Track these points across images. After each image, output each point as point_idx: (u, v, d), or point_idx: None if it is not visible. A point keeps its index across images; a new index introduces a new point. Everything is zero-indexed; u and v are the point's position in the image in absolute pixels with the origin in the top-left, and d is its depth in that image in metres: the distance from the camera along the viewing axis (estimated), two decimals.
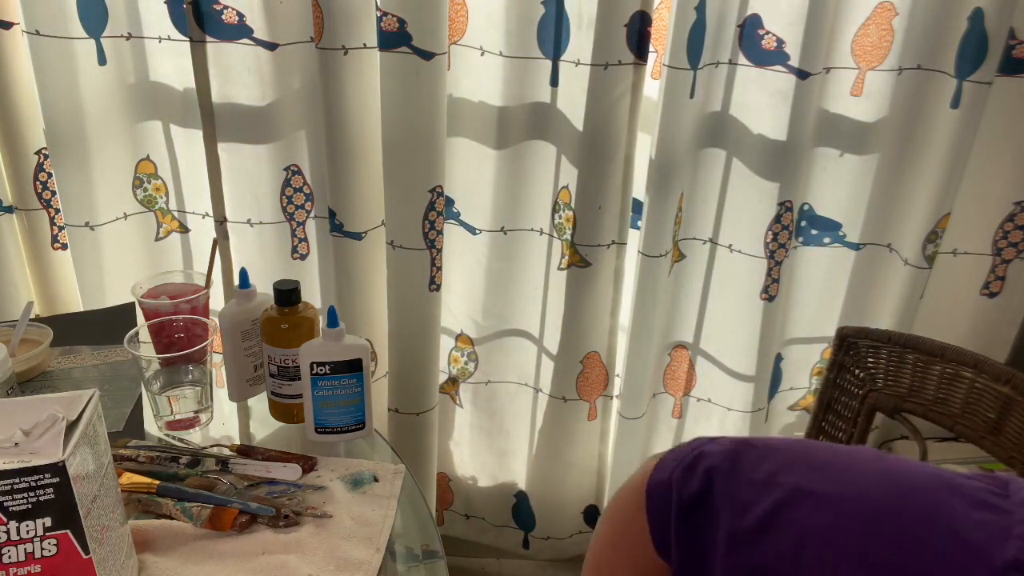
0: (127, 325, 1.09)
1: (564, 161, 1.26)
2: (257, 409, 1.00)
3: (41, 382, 1.03)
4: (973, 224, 1.22)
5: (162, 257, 1.40)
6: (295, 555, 0.74)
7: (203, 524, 0.75)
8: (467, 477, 1.59)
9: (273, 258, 1.33)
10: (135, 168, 1.33)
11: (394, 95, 1.18)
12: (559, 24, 1.17)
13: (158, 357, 0.91)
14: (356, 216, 1.27)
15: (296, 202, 1.30)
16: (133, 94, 1.28)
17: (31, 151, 1.30)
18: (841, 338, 1.06)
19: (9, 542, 0.57)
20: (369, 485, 0.85)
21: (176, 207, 1.38)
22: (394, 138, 1.21)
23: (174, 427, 0.93)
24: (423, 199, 1.24)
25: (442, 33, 1.14)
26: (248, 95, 1.21)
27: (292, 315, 0.90)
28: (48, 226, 1.35)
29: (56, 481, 0.57)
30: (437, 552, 0.79)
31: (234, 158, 1.26)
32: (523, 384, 1.45)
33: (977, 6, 1.07)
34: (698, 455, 0.52)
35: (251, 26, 1.17)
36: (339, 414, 0.89)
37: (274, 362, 0.91)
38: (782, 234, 1.24)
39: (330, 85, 1.17)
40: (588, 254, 1.27)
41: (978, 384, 0.85)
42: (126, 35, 1.23)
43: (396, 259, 1.29)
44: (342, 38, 1.14)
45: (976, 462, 1.22)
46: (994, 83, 1.10)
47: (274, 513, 0.77)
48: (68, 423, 0.60)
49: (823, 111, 1.19)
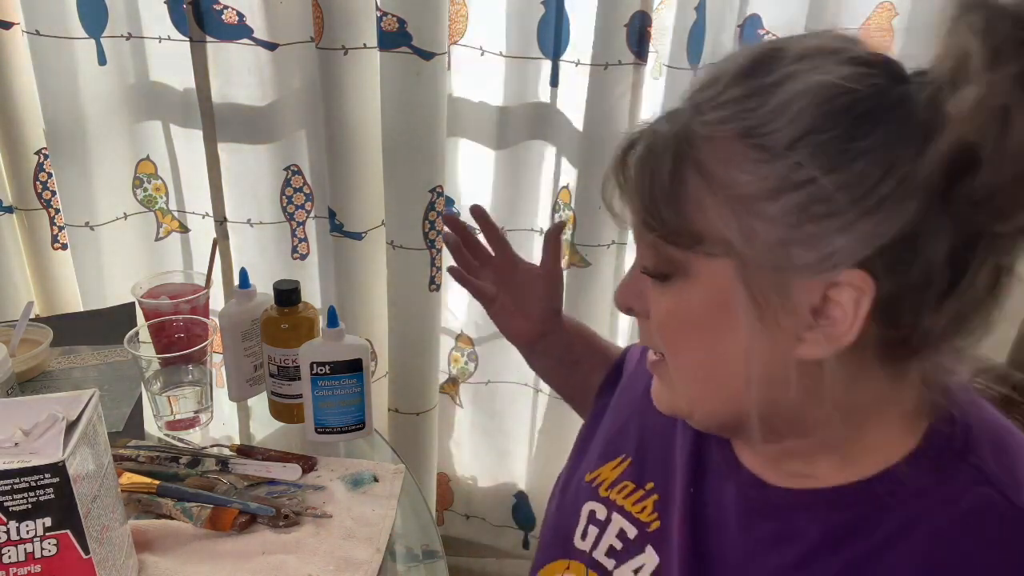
0: (127, 325, 1.09)
1: (564, 161, 1.26)
2: (257, 409, 1.00)
3: (41, 382, 1.03)
4: None
5: (162, 257, 1.40)
6: (295, 555, 0.74)
7: (203, 524, 0.75)
8: (467, 477, 1.59)
9: (273, 258, 1.33)
10: (135, 168, 1.33)
11: (394, 95, 1.18)
12: (559, 24, 1.17)
13: (158, 357, 0.91)
14: (356, 216, 1.27)
15: (296, 202, 1.30)
16: (133, 94, 1.28)
17: (31, 151, 1.30)
18: None
19: (9, 542, 0.57)
20: (369, 485, 0.85)
21: (176, 207, 1.38)
22: (394, 138, 1.21)
23: (174, 427, 0.93)
24: (423, 199, 1.24)
25: (442, 33, 1.14)
26: (248, 95, 1.21)
27: (292, 315, 0.90)
28: (48, 226, 1.35)
29: (56, 481, 0.57)
30: (437, 552, 0.79)
31: (234, 158, 1.26)
32: (523, 384, 1.45)
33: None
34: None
35: (251, 26, 1.17)
36: (339, 414, 0.89)
37: (274, 362, 0.91)
38: None
39: (330, 85, 1.17)
40: (588, 254, 1.27)
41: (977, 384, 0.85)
42: (126, 35, 1.23)
43: (396, 259, 1.29)
44: (342, 38, 1.14)
45: None
46: None
47: (274, 513, 0.77)
48: (68, 423, 0.60)
49: None
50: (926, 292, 0.42)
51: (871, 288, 0.42)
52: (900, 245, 0.41)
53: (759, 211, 0.43)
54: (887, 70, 0.44)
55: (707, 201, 0.45)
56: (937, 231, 0.41)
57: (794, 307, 0.44)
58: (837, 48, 0.44)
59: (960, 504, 0.46)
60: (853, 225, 0.41)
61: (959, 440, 0.48)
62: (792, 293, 0.44)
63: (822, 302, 0.44)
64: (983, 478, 0.46)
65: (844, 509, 0.49)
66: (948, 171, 0.40)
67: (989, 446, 0.48)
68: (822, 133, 0.42)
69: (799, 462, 0.52)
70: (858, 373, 0.46)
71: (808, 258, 0.42)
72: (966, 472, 0.47)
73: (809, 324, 0.44)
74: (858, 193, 0.41)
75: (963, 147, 0.39)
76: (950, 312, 0.43)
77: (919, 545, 0.45)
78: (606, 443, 0.68)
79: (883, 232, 0.41)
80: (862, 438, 0.49)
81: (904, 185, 0.41)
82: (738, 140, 0.44)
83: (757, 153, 0.43)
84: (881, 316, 0.43)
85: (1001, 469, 0.47)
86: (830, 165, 0.41)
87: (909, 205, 0.41)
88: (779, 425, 0.50)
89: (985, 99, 0.38)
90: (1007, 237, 0.42)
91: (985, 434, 0.49)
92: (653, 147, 0.47)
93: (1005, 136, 0.38)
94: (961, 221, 0.41)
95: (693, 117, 0.46)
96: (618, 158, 0.49)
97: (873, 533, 0.47)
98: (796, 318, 0.44)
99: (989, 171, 0.39)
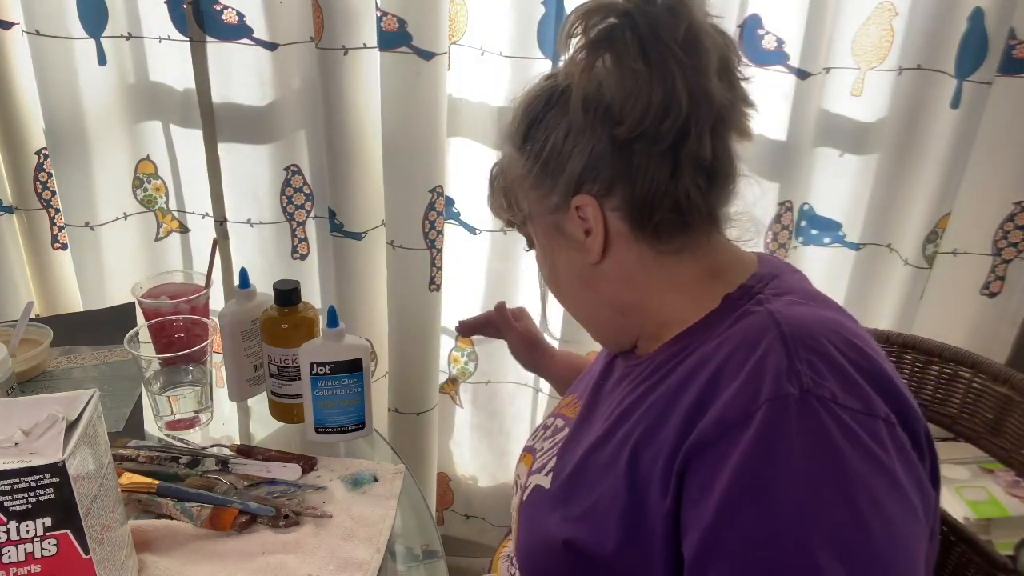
0: (127, 325, 1.09)
1: None
2: (257, 409, 1.00)
3: (41, 382, 1.03)
4: (973, 224, 1.22)
5: (162, 257, 1.40)
6: (295, 555, 0.74)
7: (203, 524, 0.75)
8: (467, 477, 1.59)
9: (273, 258, 1.33)
10: (135, 168, 1.33)
11: (394, 95, 1.18)
12: (559, 24, 1.17)
13: (158, 357, 0.91)
14: (356, 216, 1.27)
15: (296, 202, 1.30)
16: (133, 94, 1.28)
17: (31, 151, 1.30)
18: None
19: (9, 542, 0.58)
20: (369, 485, 0.85)
21: (176, 207, 1.38)
22: (394, 138, 1.21)
23: (174, 427, 0.93)
24: (423, 199, 1.24)
25: (442, 33, 1.14)
26: (248, 95, 1.21)
27: (292, 315, 0.90)
28: (48, 226, 1.35)
29: (56, 481, 0.57)
30: (437, 552, 0.79)
31: (234, 158, 1.26)
32: (523, 384, 1.45)
33: (977, 6, 1.07)
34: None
35: (251, 26, 1.17)
36: (339, 414, 0.89)
37: (274, 362, 0.91)
38: (782, 234, 1.24)
39: (330, 85, 1.17)
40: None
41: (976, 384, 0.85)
42: (126, 35, 1.23)
43: (396, 259, 1.29)
44: (342, 38, 1.14)
45: (975, 462, 1.22)
46: (994, 83, 1.10)
47: (274, 513, 0.77)
48: (68, 423, 0.60)
49: (823, 111, 1.19)
50: (635, 175, 0.60)
51: (592, 201, 0.62)
52: (588, 169, 0.62)
53: (525, 188, 0.67)
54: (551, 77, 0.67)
55: (519, 197, 0.69)
56: (598, 146, 0.61)
57: (572, 234, 0.65)
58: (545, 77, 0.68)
59: (732, 330, 0.59)
60: (562, 170, 0.63)
61: (755, 293, 0.62)
62: (565, 227, 0.65)
63: (582, 222, 0.64)
64: (768, 316, 0.58)
65: (664, 356, 0.65)
66: (594, 115, 0.60)
67: (780, 295, 0.61)
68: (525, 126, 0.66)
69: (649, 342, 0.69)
70: (640, 263, 0.64)
71: (555, 201, 0.65)
72: (758, 315, 0.59)
73: (582, 240, 0.64)
74: (551, 156, 0.64)
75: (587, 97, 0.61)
76: (672, 195, 0.61)
77: (691, 363, 0.60)
78: (577, 381, 0.87)
79: (575, 168, 0.62)
80: (673, 308, 0.66)
81: (569, 142, 0.62)
82: (514, 151, 0.68)
83: (516, 153, 0.67)
84: (622, 213, 0.62)
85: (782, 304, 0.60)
86: (532, 144, 0.65)
87: (584, 145, 0.62)
88: (630, 320, 0.68)
89: (582, 61, 0.61)
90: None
91: (780, 287, 0.63)
92: (493, 180, 0.74)
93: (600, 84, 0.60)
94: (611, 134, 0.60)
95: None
96: (489, 183, 0.74)
97: (676, 369, 0.62)
98: (573, 241, 0.65)
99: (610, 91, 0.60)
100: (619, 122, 0.59)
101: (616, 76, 0.59)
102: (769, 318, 0.57)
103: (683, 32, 0.58)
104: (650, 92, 0.58)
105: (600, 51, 0.60)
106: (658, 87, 0.58)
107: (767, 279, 0.64)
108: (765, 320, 0.57)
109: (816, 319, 0.58)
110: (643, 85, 0.58)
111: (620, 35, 0.59)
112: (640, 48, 0.58)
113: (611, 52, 0.59)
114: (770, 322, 0.57)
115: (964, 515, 1.13)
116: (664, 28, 0.58)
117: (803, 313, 0.58)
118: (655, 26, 0.58)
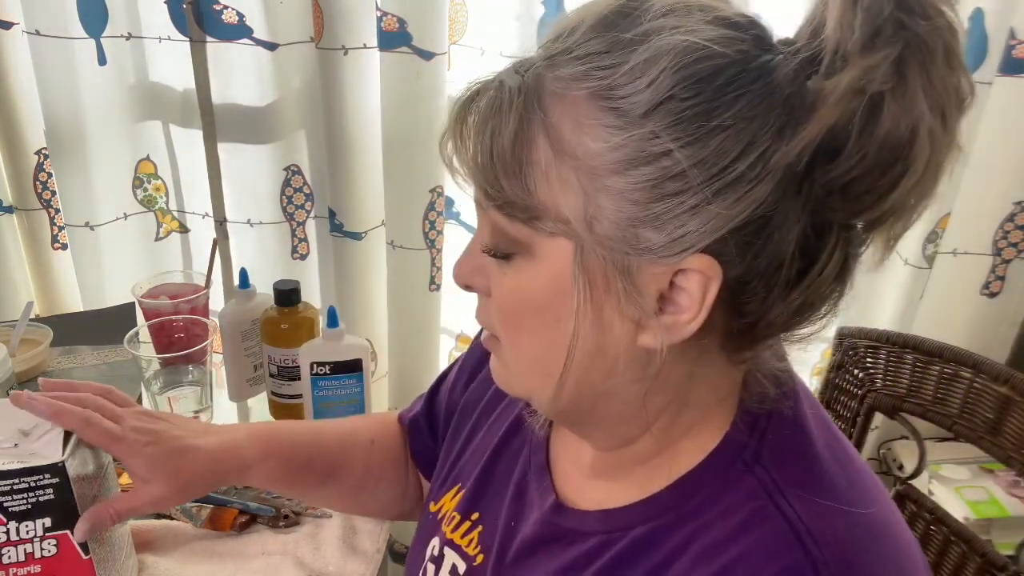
0: (127, 325, 1.09)
1: None
2: (257, 409, 1.00)
3: None
4: (973, 224, 1.22)
5: (162, 257, 1.40)
6: (295, 555, 0.74)
7: (203, 524, 0.76)
8: None
9: (273, 258, 1.33)
10: (135, 168, 1.33)
11: (394, 95, 1.18)
12: None
13: (158, 357, 0.91)
14: (356, 216, 1.27)
15: (296, 202, 1.30)
16: (133, 94, 1.28)
17: (31, 151, 1.30)
18: (840, 338, 1.06)
19: (9, 542, 0.58)
20: None
21: (176, 207, 1.38)
22: (394, 138, 1.21)
23: None
24: (423, 199, 1.24)
25: (442, 33, 1.14)
26: (248, 95, 1.21)
27: (292, 315, 0.90)
28: (48, 226, 1.35)
29: (56, 482, 0.57)
30: None
31: (234, 158, 1.26)
32: None
33: (977, 6, 1.07)
34: None
35: (251, 26, 1.17)
36: (339, 414, 0.89)
37: (274, 362, 0.91)
38: None
39: (330, 85, 1.17)
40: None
41: (976, 384, 0.85)
42: (126, 35, 1.23)
43: (396, 259, 1.29)
44: (342, 38, 1.14)
45: (975, 462, 1.22)
46: (994, 83, 1.10)
47: (274, 513, 0.77)
48: None
49: None
50: (774, 280, 0.39)
51: (719, 275, 0.39)
52: (751, 230, 0.38)
53: (607, 186, 0.39)
54: (754, 35, 0.40)
55: (552, 171, 0.40)
56: (789, 217, 0.38)
57: (639, 293, 0.40)
58: (705, 5, 0.40)
59: (734, 518, 0.43)
60: (705, 206, 0.37)
61: (752, 445, 0.45)
62: (636, 278, 0.40)
63: (668, 288, 0.40)
64: (763, 488, 0.43)
65: (634, 527, 0.47)
66: (811, 156, 0.37)
67: (782, 452, 0.45)
68: (682, 101, 0.37)
69: (618, 473, 0.50)
70: (697, 362, 0.44)
71: (657, 240, 0.39)
72: (749, 482, 0.44)
73: (653, 311, 0.40)
74: (714, 171, 0.37)
75: (830, 133, 0.37)
76: (797, 301, 0.41)
77: (688, 562, 0.43)
78: (450, 467, 0.64)
79: (735, 215, 0.37)
80: (676, 441, 0.47)
81: (761, 165, 0.37)
82: (592, 101, 0.39)
83: (611, 118, 0.38)
84: (727, 304, 0.40)
85: (784, 476, 0.43)
86: (688, 138, 0.37)
87: (764, 187, 0.37)
88: (613, 421, 0.47)
89: (859, 84, 0.35)
90: (860, 229, 0.40)
91: (782, 438, 0.46)
92: (497, 102, 0.41)
93: (873, 125, 0.36)
94: (814, 209, 0.38)
95: (545, 70, 0.40)
96: (457, 112, 0.43)
97: (658, 551, 0.45)
98: (639, 305, 0.40)
99: (851, 160, 0.37)
100: (855, 204, 0.39)
101: (895, 109, 0.36)
102: (785, 525, 0.41)
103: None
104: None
105: (911, 63, 0.36)
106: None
107: (762, 422, 0.46)
108: (781, 528, 0.41)
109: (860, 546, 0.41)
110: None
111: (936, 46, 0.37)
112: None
113: (920, 68, 0.36)
114: (791, 536, 0.41)
115: (964, 515, 1.13)
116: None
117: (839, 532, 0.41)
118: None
